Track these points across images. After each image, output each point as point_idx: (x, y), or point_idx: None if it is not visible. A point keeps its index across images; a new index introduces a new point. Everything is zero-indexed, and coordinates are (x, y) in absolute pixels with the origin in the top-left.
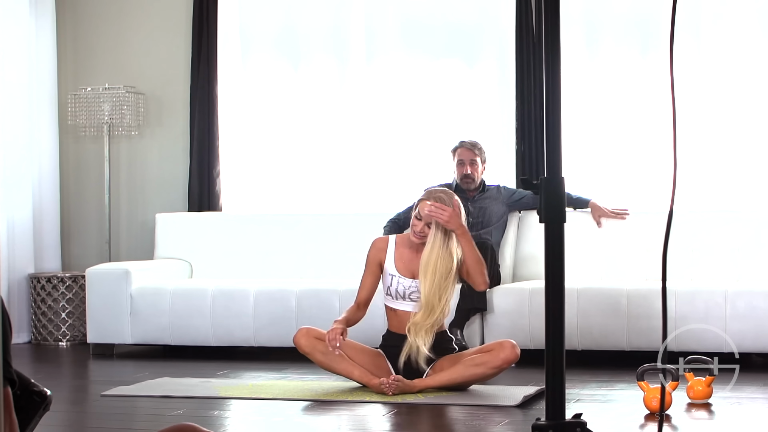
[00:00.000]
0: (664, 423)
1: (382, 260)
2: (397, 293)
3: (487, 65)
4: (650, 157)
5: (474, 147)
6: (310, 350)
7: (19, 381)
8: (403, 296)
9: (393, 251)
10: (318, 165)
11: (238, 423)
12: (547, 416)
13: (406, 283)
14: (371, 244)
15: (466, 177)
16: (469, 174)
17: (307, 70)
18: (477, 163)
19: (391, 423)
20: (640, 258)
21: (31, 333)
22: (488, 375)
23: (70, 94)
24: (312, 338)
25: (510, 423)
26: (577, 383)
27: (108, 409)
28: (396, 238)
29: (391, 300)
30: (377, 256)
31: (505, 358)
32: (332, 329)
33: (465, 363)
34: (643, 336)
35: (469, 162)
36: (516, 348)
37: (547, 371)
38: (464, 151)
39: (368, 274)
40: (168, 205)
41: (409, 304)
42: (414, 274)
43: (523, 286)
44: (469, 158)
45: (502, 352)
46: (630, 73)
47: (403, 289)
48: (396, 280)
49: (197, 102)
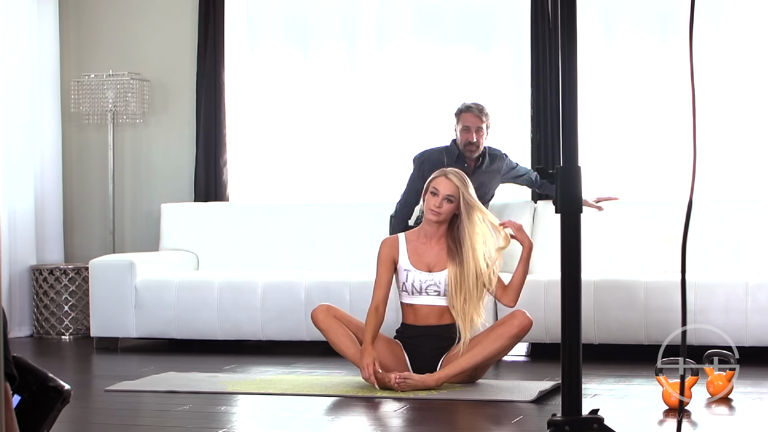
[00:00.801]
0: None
1: (395, 257)
2: (414, 288)
3: (502, 51)
4: (669, 145)
5: (481, 113)
6: (325, 327)
7: (36, 376)
8: (420, 290)
9: (405, 247)
10: (328, 154)
11: (245, 419)
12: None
13: (422, 277)
14: (381, 243)
15: (470, 144)
16: (475, 142)
17: (316, 57)
18: (483, 130)
19: (403, 419)
20: (659, 249)
21: (33, 326)
22: (507, 347)
23: (73, 81)
24: (331, 316)
25: (525, 419)
26: (594, 378)
27: (112, 405)
28: (405, 235)
29: (407, 296)
30: (390, 253)
31: (520, 324)
32: (365, 369)
33: (481, 342)
34: (662, 329)
35: (475, 129)
36: (528, 315)
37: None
38: (470, 116)
39: (383, 271)
40: (173, 195)
41: (426, 298)
42: (430, 267)
43: (539, 278)
44: (476, 125)
45: (516, 320)
46: (648, 60)
47: (419, 283)
48: (412, 275)
49: (204, 89)
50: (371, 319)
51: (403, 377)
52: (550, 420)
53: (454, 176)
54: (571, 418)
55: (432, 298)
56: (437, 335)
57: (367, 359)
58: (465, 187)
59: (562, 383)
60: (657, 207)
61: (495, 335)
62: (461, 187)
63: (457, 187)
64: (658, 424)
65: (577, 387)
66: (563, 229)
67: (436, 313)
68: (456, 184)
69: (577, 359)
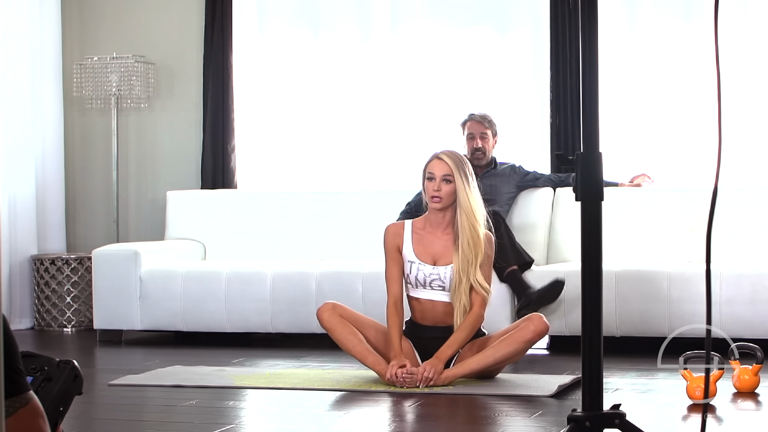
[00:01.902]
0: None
1: (400, 245)
2: (417, 281)
3: (520, 33)
4: (694, 130)
5: (484, 120)
6: (331, 326)
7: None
8: (424, 284)
9: (410, 235)
10: (339, 139)
11: (254, 414)
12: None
13: (426, 270)
14: (385, 231)
15: (476, 151)
16: (480, 147)
17: (328, 39)
18: (488, 136)
19: (416, 414)
20: (683, 238)
21: (34, 318)
22: (520, 351)
23: (75, 64)
24: (336, 315)
25: (544, 414)
26: (615, 372)
27: (116, 400)
28: (411, 222)
29: (411, 288)
30: (394, 241)
31: (536, 329)
32: (393, 372)
33: (494, 345)
34: (686, 322)
35: (480, 135)
36: (545, 320)
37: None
38: (474, 124)
39: (392, 263)
40: (180, 182)
41: (430, 293)
42: (434, 260)
43: (558, 269)
44: (479, 131)
45: (531, 324)
46: (672, 41)
47: (423, 276)
48: (416, 267)
49: (211, 72)
50: (393, 319)
51: (409, 372)
52: (571, 415)
53: (446, 156)
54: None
55: (437, 293)
56: (444, 337)
57: (397, 363)
58: (462, 165)
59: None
60: (681, 194)
61: (509, 339)
62: (456, 166)
63: (450, 166)
64: (682, 419)
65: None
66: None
67: (441, 309)
68: (449, 164)
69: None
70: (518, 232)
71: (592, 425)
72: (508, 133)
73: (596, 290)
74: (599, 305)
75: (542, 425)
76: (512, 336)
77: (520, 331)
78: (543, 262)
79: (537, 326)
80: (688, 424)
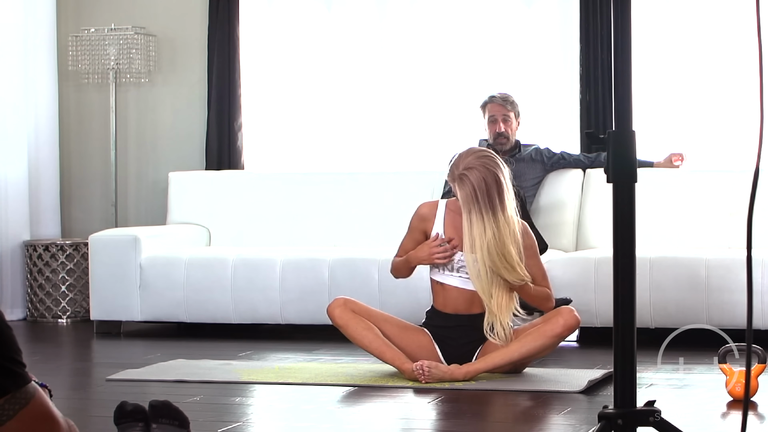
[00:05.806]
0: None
1: (427, 229)
2: (444, 265)
3: (548, 3)
4: (734, 108)
5: (506, 101)
6: (344, 323)
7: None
8: (452, 269)
9: (443, 217)
10: (354, 117)
11: (262, 411)
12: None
13: (456, 255)
14: (417, 209)
15: (499, 136)
16: (503, 132)
17: (341, 10)
18: (510, 118)
19: (437, 412)
20: (723, 223)
21: (27, 309)
22: (548, 346)
23: (71, 36)
24: (349, 310)
25: (573, 411)
26: (649, 366)
27: (114, 396)
28: (447, 202)
29: (437, 272)
30: (421, 225)
31: (566, 323)
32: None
33: (520, 339)
34: (726, 312)
35: (502, 118)
36: (575, 313)
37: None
38: (495, 106)
39: (410, 240)
40: (182, 163)
41: (458, 279)
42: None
43: (588, 255)
44: (502, 114)
45: (561, 318)
46: (711, 12)
47: (451, 261)
48: None
49: (216, 45)
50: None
51: (429, 365)
52: (602, 412)
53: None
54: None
55: (464, 280)
56: (468, 325)
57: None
58: (512, 106)
59: (615, 372)
60: (720, 176)
61: (537, 332)
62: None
63: (504, 106)
64: (721, 417)
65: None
66: (616, 201)
67: (465, 298)
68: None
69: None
70: (545, 214)
71: (625, 423)
72: (535, 111)
73: (629, 278)
74: (632, 294)
75: (571, 423)
76: (540, 330)
77: (548, 325)
78: (572, 248)
79: (567, 320)
80: (727, 422)
